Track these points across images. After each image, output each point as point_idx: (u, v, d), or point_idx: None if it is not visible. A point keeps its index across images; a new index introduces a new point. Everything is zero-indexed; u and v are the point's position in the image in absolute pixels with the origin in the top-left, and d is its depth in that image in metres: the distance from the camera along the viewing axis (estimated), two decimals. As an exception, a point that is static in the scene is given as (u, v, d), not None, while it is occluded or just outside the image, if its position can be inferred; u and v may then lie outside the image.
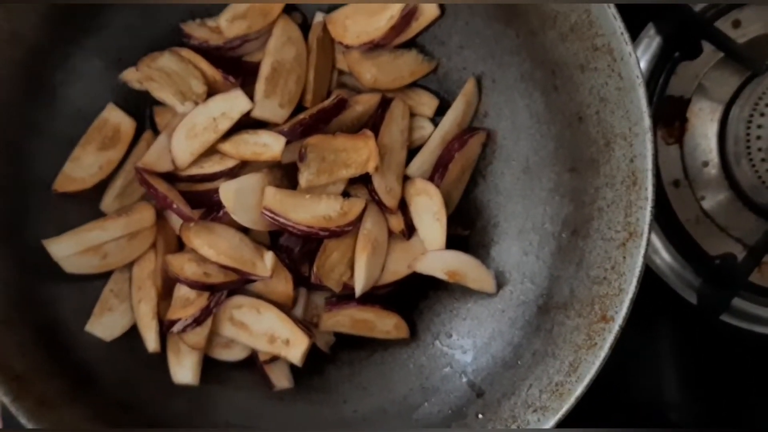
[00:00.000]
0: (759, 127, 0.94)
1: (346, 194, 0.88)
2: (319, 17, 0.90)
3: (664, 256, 1.01)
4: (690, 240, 0.99)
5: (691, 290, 0.99)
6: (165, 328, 0.86)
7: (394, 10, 0.86)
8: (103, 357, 0.87)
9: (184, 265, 0.85)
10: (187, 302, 0.86)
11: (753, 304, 0.98)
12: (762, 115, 0.94)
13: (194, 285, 0.85)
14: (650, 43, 1.01)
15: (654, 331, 1.05)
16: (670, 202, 0.99)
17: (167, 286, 0.88)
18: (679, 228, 0.99)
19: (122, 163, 0.89)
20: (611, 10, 0.74)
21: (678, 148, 1.01)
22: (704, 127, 1.01)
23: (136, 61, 0.86)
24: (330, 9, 0.90)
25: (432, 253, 0.88)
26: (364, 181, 0.88)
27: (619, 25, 0.74)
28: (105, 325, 0.87)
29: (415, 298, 0.94)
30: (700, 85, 1.00)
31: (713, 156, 1.00)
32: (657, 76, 1.00)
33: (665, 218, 0.99)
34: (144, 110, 0.90)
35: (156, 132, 0.90)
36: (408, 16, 0.86)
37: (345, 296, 0.90)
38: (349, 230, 0.86)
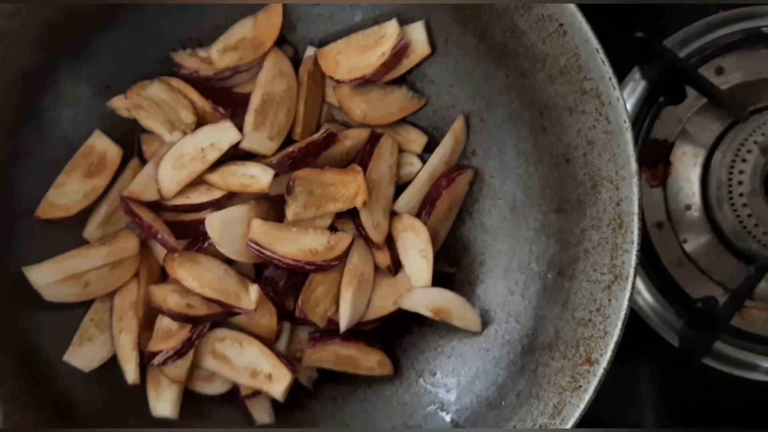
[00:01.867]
0: (741, 172, 0.96)
1: (333, 228, 0.87)
2: (310, 51, 0.90)
3: (646, 297, 1.01)
4: (672, 282, 0.99)
5: (673, 332, 1.00)
6: (145, 359, 0.85)
7: (386, 47, 0.86)
8: (82, 388, 0.85)
9: (167, 296, 0.84)
10: (168, 334, 0.85)
11: (734, 347, 0.99)
12: (744, 161, 0.96)
13: (177, 317, 0.84)
14: (635, 86, 1.03)
15: (635, 372, 1.05)
16: (653, 244, 1.00)
17: (149, 316, 0.86)
18: (662, 270, 1.00)
19: (107, 191, 0.87)
20: (600, 55, 0.75)
21: (662, 191, 1.02)
22: (687, 171, 1.02)
23: (125, 89, 0.86)
24: (321, 44, 0.90)
25: (418, 290, 0.87)
26: (351, 215, 0.87)
27: (607, 69, 0.75)
28: (84, 355, 0.86)
29: (399, 334, 0.93)
30: (684, 129, 1.02)
31: (696, 200, 1.01)
32: (642, 120, 1.01)
33: (648, 260, 1.00)
34: (131, 139, 0.89)
35: (143, 161, 0.89)
36: (399, 53, 0.87)
37: (329, 331, 0.89)
38: (335, 265, 0.85)
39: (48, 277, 0.83)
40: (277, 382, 0.85)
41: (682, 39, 1.03)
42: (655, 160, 1.02)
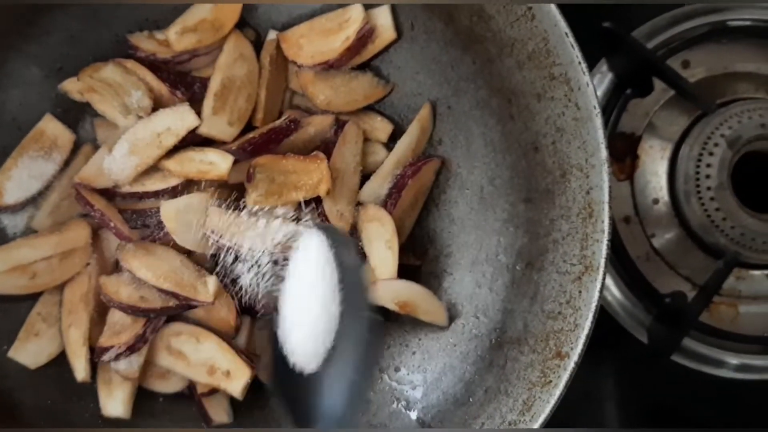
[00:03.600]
0: (708, 166, 0.95)
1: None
2: (272, 35, 0.87)
3: (614, 292, 0.99)
4: (641, 277, 0.98)
5: (641, 328, 0.98)
6: (96, 355, 0.81)
7: (350, 31, 0.84)
8: (27, 386, 0.81)
9: (119, 289, 0.80)
10: (121, 328, 0.81)
11: (702, 344, 0.97)
12: (711, 154, 0.95)
13: (129, 310, 0.80)
14: (602, 79, 1.02)
15: (600, 369, 1.03)
16: (621, 238, 0.99)
17: (100, 310, 0.83)
18: (630, 265, 0.98)
19: (58, 178, 0.83)
20: (569, 39, 0.73)
21: (629, 185, 1.01)
22: (655, 164, 1.01)
23: (78, 71, 0.82)
24: (284, 27, 0.87)
25: (383, 282, 0.84)
26: (314, 204, 0.84)
27: (576, 54, 0.73)
28: (30, 351, 0.82)
29: (363, 329, 0.90)
30: (651, 123, 1.01)
31: (663, 194, 1.01)
32: (609, 113, 1.00)
33: (616, 254, 0.98)
34: (84, 123, 0.86)
35: (96, 146, 0.85)
36: (364, 38, 0.84)
37: (290, 325, 0.86)
38: (297, 256, 0.82)
39: (-8, 268, 0.79)
40: (236, 379, 0.82)
41: (647, 32, 1.02)
42: (622, 154, 1.01)
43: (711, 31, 1.01)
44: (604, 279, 0.74)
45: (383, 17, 0.85)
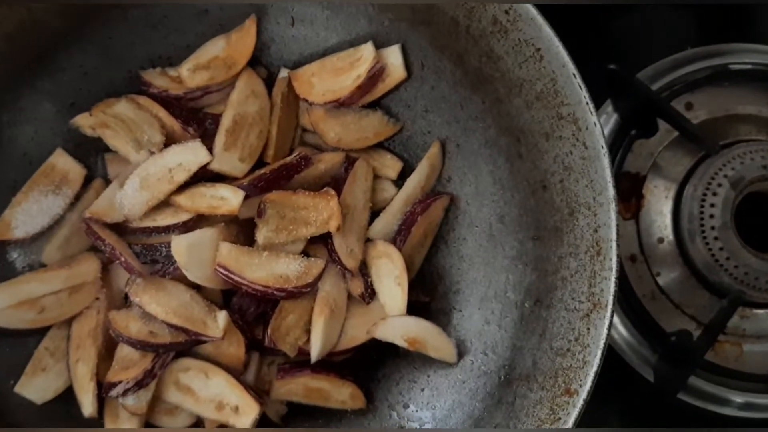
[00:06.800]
0: (712, 206, 0.96)
1: (305, 254, 0.84)
2: (284, 73, 0.88)
3: (621, 331, 0.99)
4: (647, 316, 0.98)
5: (647, 366, 0.98)
6: (104, 391, 0.80)
7: (361, 70, 0.85)
8: (34, 422, 0.80)
9: (128, 323, 0.80)
10: (129, 363, 0.80)
11: (706, 382, 0.97)
12: (715, 194, 0.96)
13: (138, 345, 0.79)
14: (608, 119, 1.03)
15: (608, 406, 1.03)
16: (627, 277, 0.99)
17: (108, 345, 0.82)
18: (636, 303, 0.99)
19: (68, 213, 0.83)
20: (577, 80, 0.74)
21: (634, 224, 1.02)
22: (659, 204, 1.02)
23: (90, 106, 0.83)
24: (295, 66, 0.88)
25: (392, 319, 0.84)
26: (324, 241, 0.84)
27: (584, 94, 0.74)
28: (37, 386, 0.81)
29: (372, 365, 0.90)
30: (655, 163, 1.02)
31: (668, 233, 1.01)
32: (614, 152, 1.02)
33: (622, 293, 0.99)
34: (95, 159, 0.86)
35: (107, 182, 0.85)
36: (375, 77, 0.85)
37: (299, 362, 0.85)
38: (306, 292, 0.82)
39: (0, 302, 0.78)
40: (244, 414, 0.81)
41: (651, 74, 1.04)
42: (628, 193, 1.02)
43: (713, 74, 1.03)
44: (612, 316, 0.74)
45: (394, 56, 0.86)
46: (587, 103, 0.74)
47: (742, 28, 1.08)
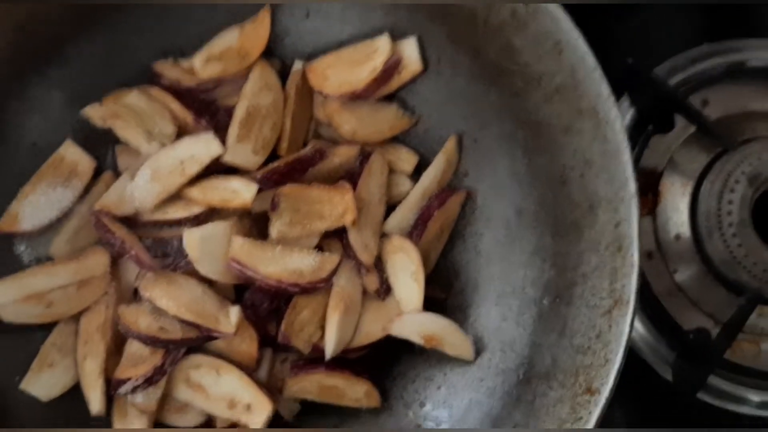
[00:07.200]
0: (730, 202, 0.95)
1: (319, 249, 0.82)
2: (298, 65, 0.86)
3: (638, 328, 0.98)
4: (664, 313, 0.97)
5: (664, 364, 0.97)
6: (112, 387, 0.78)
7: (377, 62, 0.83)
8: (39, 419, 0.78)
9: (138, 319, 0.78)
10: (139, 360, 0.78)
11: (724, 380, 0.96)
12: (732, 191, 0.95)
13: (148, 340, 0.77)
14: (624, 115, 1.01)
15: (626, 404, 1.02)
16: (644, 274, 0.98)
17: (117, 341, 0.80)
18: (654, 300, 0.97)
19: (77, 205, 0.81)
20: (597, 73, 0.73)
21: (651, 221, 1.00)
22: (676, 200, 1.01)
23: (101, 97, 0.81)
24: (310, 58, 0.87)
25: (408, 315, 0.83)
26: (338, 235, 0.83)
27: (605, 87, 0.73)
28: (43, 382, 0.79)
29: (388, 363, 0.88)
30: (672, 159, 1.01)
31: (685, 229, 1.00)
32: (631, 148, 0.99)
33: (640, 290, 0.96)
34: (105, 151, 0.84)
35: (117, 174, 0.83)
36: (390, 69, 0.84)
37: (312, 359, 0.83)
38: (321, 287, 0.80)
39: (7, 296, 0.76)
40: (257, 413, 0.79)
41: (667, 70, 1.02)
42: (644, 189, 1.00)
43: (729, 71, 1.02)
44: (634, 313, 0.73)
45: (410, 49, 0.84)
46: (608, 96, 0.73)
47: (760, 24, 1.07)
